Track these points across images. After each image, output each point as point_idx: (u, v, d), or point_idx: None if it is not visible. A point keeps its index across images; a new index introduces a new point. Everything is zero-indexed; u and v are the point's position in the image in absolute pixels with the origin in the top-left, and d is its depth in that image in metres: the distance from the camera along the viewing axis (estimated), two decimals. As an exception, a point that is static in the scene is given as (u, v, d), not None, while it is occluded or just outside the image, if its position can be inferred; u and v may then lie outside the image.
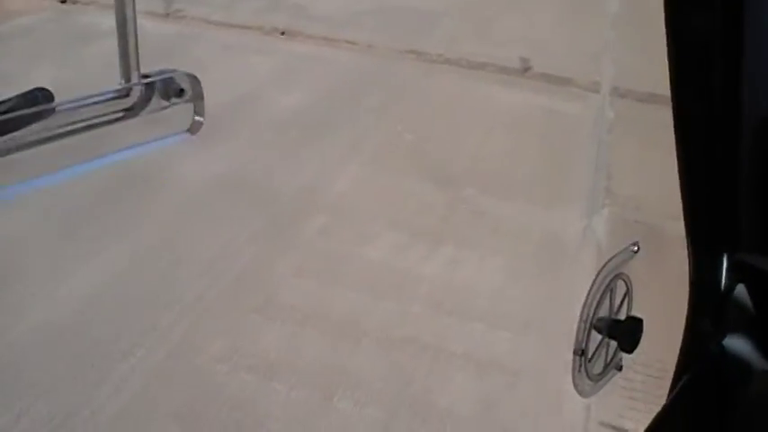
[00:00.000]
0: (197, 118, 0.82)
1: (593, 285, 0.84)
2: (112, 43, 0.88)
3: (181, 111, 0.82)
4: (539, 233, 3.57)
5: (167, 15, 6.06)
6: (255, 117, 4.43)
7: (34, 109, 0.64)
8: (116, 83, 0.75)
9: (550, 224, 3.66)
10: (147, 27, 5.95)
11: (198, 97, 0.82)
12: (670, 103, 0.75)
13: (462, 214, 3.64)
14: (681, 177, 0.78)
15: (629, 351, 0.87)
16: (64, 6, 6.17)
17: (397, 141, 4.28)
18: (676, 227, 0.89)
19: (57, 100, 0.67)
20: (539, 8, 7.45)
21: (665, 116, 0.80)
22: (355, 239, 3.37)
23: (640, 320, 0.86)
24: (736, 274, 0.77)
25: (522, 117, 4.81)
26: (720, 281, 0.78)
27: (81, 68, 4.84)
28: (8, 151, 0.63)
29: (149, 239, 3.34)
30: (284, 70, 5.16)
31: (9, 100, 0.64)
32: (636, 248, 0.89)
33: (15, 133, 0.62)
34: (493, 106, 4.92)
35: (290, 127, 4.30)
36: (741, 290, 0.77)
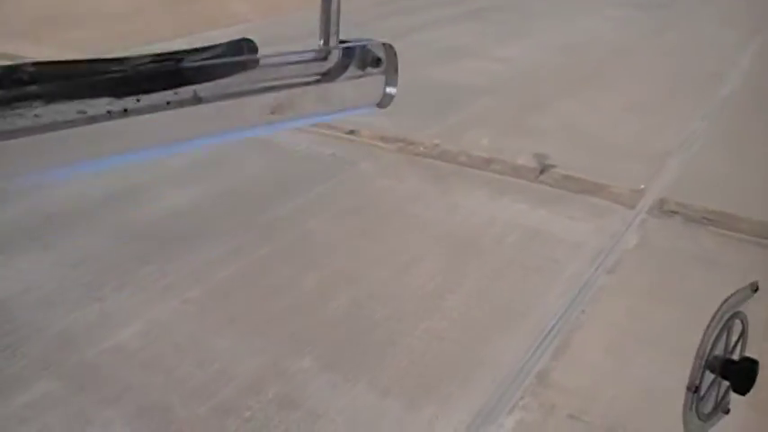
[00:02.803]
0: (389, 90, 0.74)
1: (711, 322, 0.84)
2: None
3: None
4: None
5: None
6: (111, 218, 3.44)
7: (241, 58, 0.63)
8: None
9: (398, 435, 2.29)
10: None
11: (392, 69, 0.75)
12: (724, 227, 0.94)
13: (260, 403, 2.37)
14: None
15: (743, 393, 0.85)
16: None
17: (271, 271, 3.09)
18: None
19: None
20: (633, 84, 5.93)
21: (712, 246, 1.20)
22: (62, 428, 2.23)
23: (756, 362, 0.86)
24: None
25: (485, 242, 3.41)
26: None
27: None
28: (215, 98, 0.60)
29: None
30: (206, 155, 4.05)
31: (218, 46, 0.63)
32: (756, 288, 0.89)
33: (221, 80, 0.61)
34: (449, 222, 3.56)
35: (140, 236, 3.27)
36: None
